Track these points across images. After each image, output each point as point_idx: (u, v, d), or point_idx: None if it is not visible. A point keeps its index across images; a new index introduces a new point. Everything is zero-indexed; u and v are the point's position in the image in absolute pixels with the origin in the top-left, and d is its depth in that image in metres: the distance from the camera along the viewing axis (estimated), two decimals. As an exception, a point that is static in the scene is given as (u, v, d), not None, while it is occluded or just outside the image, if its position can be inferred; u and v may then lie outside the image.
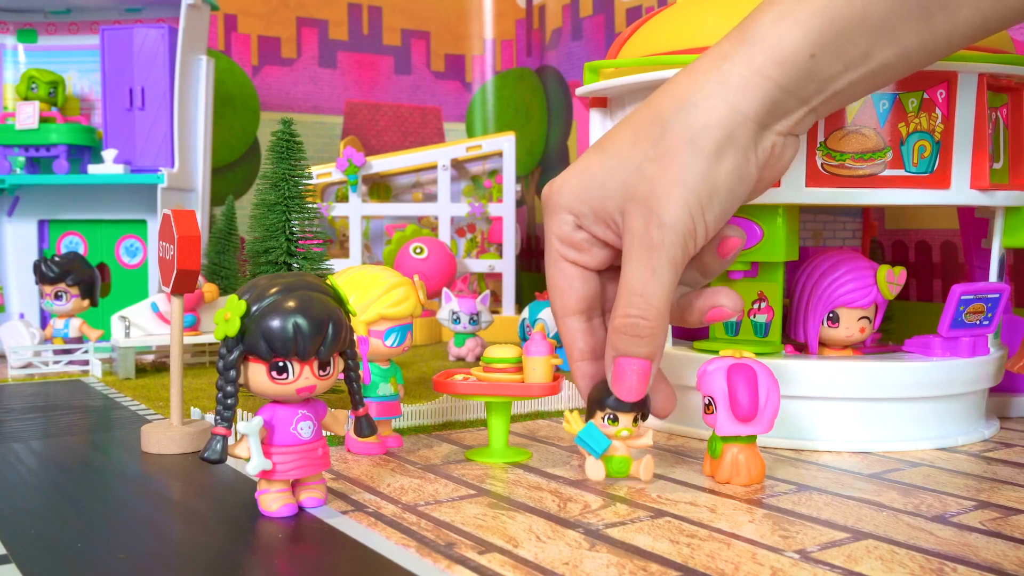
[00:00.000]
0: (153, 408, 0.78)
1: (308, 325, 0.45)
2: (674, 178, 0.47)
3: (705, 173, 0.47)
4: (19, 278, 1.16)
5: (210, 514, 0.49)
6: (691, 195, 0.47)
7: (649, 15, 0.72)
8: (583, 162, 0.51)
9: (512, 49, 1.73)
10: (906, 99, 0.60)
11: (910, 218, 0.98)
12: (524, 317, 1.00)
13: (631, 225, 0.48)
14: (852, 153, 0.60)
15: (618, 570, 0.39)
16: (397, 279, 0.61)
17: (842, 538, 0.43)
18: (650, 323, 0.48)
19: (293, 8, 1.59)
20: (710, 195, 0.47)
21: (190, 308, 0.99)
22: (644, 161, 0.48)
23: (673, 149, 0.47)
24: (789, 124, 0.48)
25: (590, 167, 0.50)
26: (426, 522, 0.46)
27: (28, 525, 0.46)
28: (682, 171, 0.47)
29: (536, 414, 0.75)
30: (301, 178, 0.79)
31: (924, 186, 0.61)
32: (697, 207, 0.47)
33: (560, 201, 0.51)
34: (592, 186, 0.50)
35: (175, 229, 0.61)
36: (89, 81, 1.22)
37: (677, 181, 0.47)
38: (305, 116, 1.59)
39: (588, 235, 0.51)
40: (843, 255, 0.67)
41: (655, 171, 0.47)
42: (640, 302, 0.48)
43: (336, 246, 1.37)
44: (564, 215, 0.51)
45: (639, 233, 0.47)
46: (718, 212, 0.48)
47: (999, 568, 0.39)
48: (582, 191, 0.50)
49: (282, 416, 0.47)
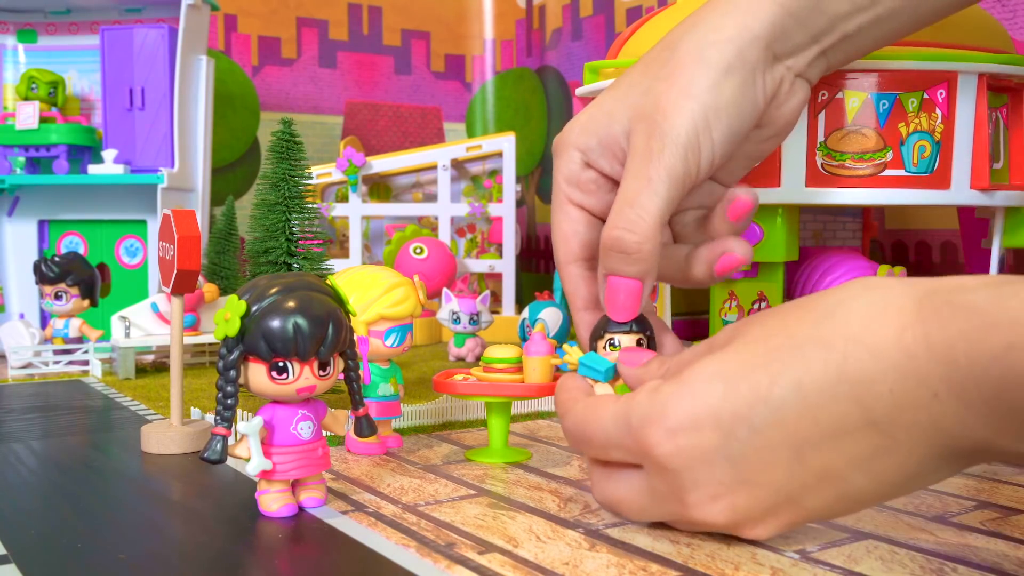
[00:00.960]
0: (153, 408, 0.78)
1: (308, 325, 0.45)
2: (680, 91, 0.46)
3: (711, 85, 0.46)
4: (19, 278, 1.16)
5: (210, 514, 0.49)
6: (696, 107, 0.45)
7: (649, 15, 0.72)
8: (592, 103, 0.50)
9: (512, 49, 1.73)
10: (906, 99, 0.60)
11: (910, 218, 0.98)
12: (524, 317, 1.00)
13: (634, 142, 0.47)
14: (852, 153, 0.60)
15: (618, 570, 0.39)
16: (397, 279, 0.61)
17: (842, 538, 0.43)
18: (637, 238, 0.45)
19: (293, 8, 1.59)
20: (717, 109, 0.46)
21: (190, 308, 0.99)
22: (653, 81, 0.47)
23: (681, 65, 0.46)
24: (800, 62, 0.48)
25: (599, 101, 0.50)
26: (426, 522, 0.46)
27: (28, 525, 0.46)
28: (689, 84, 0.46)
29: (536, 414, 0.75)
30: (301, 178, 0.79)
31: (924, 186, 0.61)
32: (703, 120, 0.45)
33: (568, 139, 0.50)
34: (599, 116, 0.49)
35: (175, 229, 0.61)
36: (89, 81, 1.22)
37: (683, 93, 0.46)
38: (305, 116, 1.59)
39: (596, 174, 0.50)
40: (843, 255, 0.67)
41: (662, 88, 0.46)
42: (630, 214, 0.45)
43: (336, 246, 1.37)
44: (572, 152, 0.50)
45: (640, 147, 0.46)
46: (725, 131, 0.46)
47: (999, 568, 0.39)
48: (590, 123, 0.49)
49: (282, 416, 0.47)
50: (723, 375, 0.38)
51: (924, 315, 0.34)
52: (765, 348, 0.38)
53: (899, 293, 0.36)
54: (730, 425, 0.37)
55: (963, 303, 0.33)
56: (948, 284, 0.35)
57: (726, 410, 0.37)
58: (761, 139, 0.50)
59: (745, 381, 0.37)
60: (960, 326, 0.33)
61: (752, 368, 0.37)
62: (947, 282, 0.35)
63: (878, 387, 0.35)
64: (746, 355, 0.38)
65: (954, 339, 0.33)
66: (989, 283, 0.33)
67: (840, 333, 0.36)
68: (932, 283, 0.36)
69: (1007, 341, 0.31)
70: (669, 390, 0.39)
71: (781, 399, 0.37)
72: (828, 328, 0.36)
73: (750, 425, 0.37)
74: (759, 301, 0.66)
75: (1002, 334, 0.32)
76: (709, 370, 0.39)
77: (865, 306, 0.36)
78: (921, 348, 0.34)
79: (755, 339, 0.39)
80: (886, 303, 0.36)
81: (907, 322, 0.35)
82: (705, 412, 0.38)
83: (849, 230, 0.83)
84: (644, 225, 0.45)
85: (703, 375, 0.39)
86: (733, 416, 0.37)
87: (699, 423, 0.38)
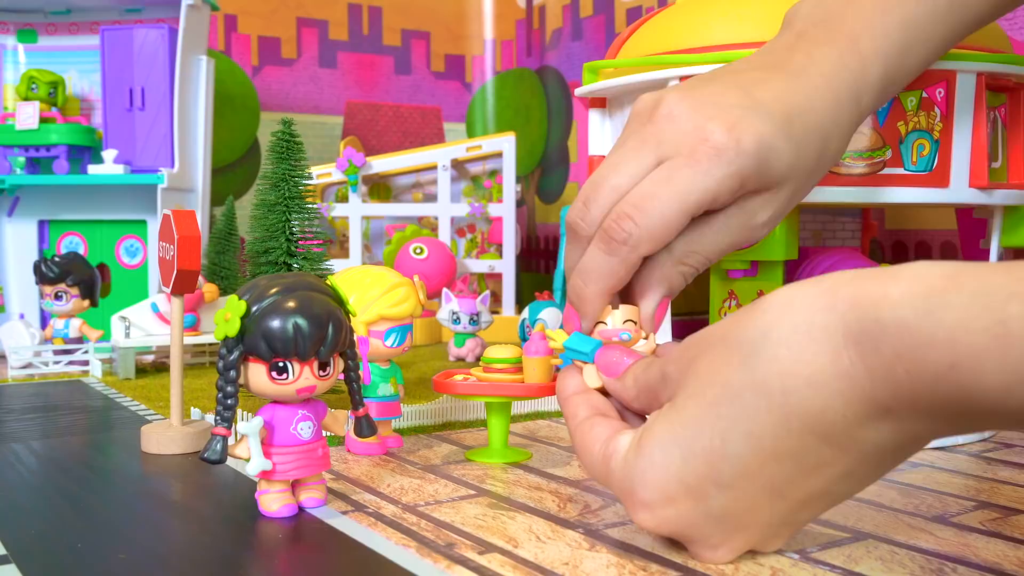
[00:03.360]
0: (153, 408, 0.78)
1: (308, 325, 0.45)
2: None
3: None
4: (19, 278, 1.16)
5: (210, 514, 0.49)
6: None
7: (649, 15, 0.72)
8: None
9: (512, 49, 1.73)
10: (905, 98, 0.60)
11: (910, 218, 0.98)
12: (524, 317, 1.00)
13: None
14: (851, 152, 0.60)
15: (618, 570, 0.39)
16: (397, 279, 0.61)
17: (842, 538, 0.43)
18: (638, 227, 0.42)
19: (293, 8, 1.59)
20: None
21: (190, 308, 0.99)
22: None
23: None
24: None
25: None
26: (426, 522, 0.46)
27: (28, 525, 0.46)
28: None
29: (536, 414, 0.75)
30: (301, 178, 0.79)
31: (923, 185, 0.61)
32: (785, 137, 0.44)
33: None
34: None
35: (175, 229, 0.61)
36: (89, 81, 1.22)
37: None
38: (305, 116, 1.59)
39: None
40: (843, 255, 0.67)
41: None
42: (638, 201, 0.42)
43: (336, 246, 1.37)
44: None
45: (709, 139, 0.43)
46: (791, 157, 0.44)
47: (999, 568, 0.39)
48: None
49: (282, 416, 0.47)
50: (676, 440, 0.38)
51: (854, 336, 0.33)
52: (705, 403, 0.37)
53: (820, 311, 0.34)
54: (699, 488, 0.37)
55: (892, 321, 0.32)
56: (869, 295, 0.33)
57: (690, 476, 0.37)
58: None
59: (698, 443, 0.37)
60: (894, 347, 0.32)
61: (699, 429, 0.37)
62: (867, 291, 0.33)
63: (829, 415, 0.34)
64: (689, 414, 0.37)
65: (891, 361, 0.32)
66: (915, 293, 0.31)
67: (773, 371, 0.35)
68: (851, 292, 0.33)
69: (948, 361, 0.30)
70: (632, 461, 0.39)
71: (737, 454, 0.36)
72: (760, 369, 0.35)
73: (718, 483, 0.37)
74: (759, 301, 0.66)
75: (941, 354, 0.30)
76: (661, 436, 0.38)
77: (790, 335, 0.34)
78: (860, 371, 0.33)
79: (693, 393, 0.38)
80: (810, 327, 0.34)
81: (838, 346, 0.33)
82: (671, 482, 0.38)
83: (849, 230, 0.83)
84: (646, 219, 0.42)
85: (657, 443, 0.38)
86: (699, 479, 0.37)
87: (670, 494, 0.38)
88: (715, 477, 0.37)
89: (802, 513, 0.38)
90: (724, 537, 0.39)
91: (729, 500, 0.37)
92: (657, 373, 0.41)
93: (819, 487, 0.37)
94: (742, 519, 0.38)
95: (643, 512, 0.39)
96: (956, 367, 0.30)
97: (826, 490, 0.37)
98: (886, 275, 0.33)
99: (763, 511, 0.38)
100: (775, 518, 0.38)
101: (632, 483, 0.39)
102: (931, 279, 0.32)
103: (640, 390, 0.42)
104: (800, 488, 0.37)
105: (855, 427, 0.34)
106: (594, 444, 0.42)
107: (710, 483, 0.37)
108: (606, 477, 0.41)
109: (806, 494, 0.37)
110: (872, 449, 0.35)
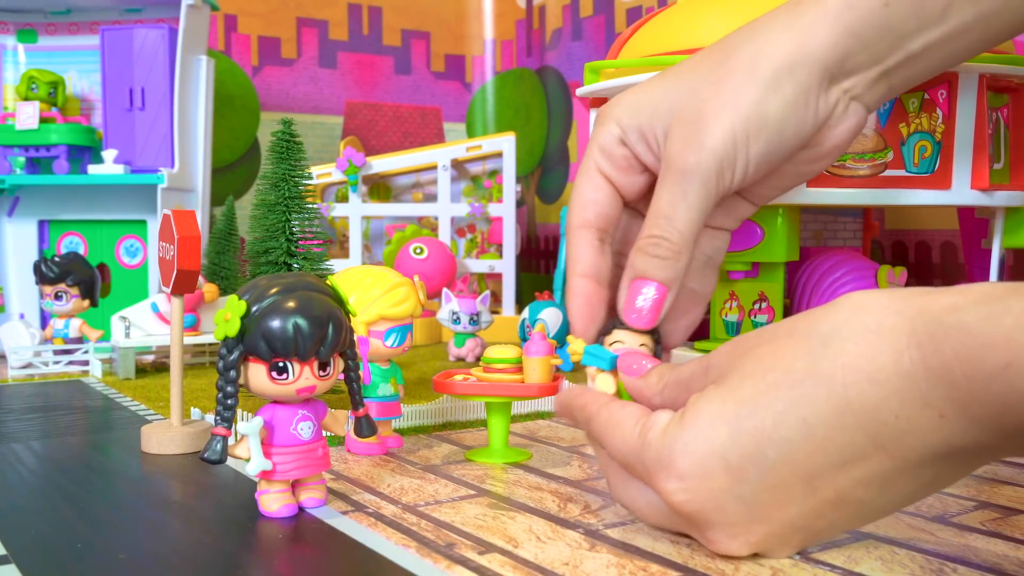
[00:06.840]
0: (153, 408, 0.78)
1: (308, 325, 0.45)
2: (725, 101, 0.45)
3: (757, 100, 0.45)
4: (19, 278, 1.16)
5: (210, 514, 0.49)
6: (738, 120, 0.45)
7: (649, 15, 0.72)
8: (645, 82, 0.50)
9: (512, 49, 1.73)
10: (907, 99, 0.60)
11: (910, 218, 0.98)
12: (524, 317, 1.00)
13: (669, 150, 0.46)
14: (853, 153, 0.60)
15: (618, 570, 0.39)
16: (397, 279, 0.61)
17: (842, 538, 0.43)
18: (673, 244, 0.45)
19: (293, 8, 1.59)
20: (759, 126, 0.45)
21: (190, 308, 0.99)
22: (700, 83, 0.47)
23: (732, 72, 0.46)
24: (859, 84, 0.47)
25: (649, 85, 0.49)
26: (426, 522, 0.46)
27: (28, 525, 0.46)
28: (735, 95, 0.45)
29: (536, 414, 0.75)
30: (301, 178, 0.79)
31: (925, 186, 0.61)
32: (743, 135, 0.45)
33: (612, 112, 0.50)
34: (644, 102, 0.49)
35: (175, 229, 0.61)
36: (89, 81, 1.22)
37: (727, 105, 0.45)
38: (305, 116, 1.59)
39: (629, 154, 0.50)
40: (843, 255, 0.67)
41: (708, 93, 0.46)
42: (665, 224, 0.46)
43: (336, 246, 1.37)
44: (612, 126, 0.50)
45: (676, 157, 0.46)
46: (763, 148, 0.46)
47: (999, 568, 0.39)
48: (635, 105, 0.49)
49: (282, 416, 0.47)
50: (724, 417, 0.38)
51: (918, 338, 0.34)
52: (764, 385, 0.37)
53: (890, 315, 0.36)
54: (739, 467, 0.37)
55: (954, 324, 0.33)
56: (938, 303, 0.34)
57: (734, 453, 0.37)
58: (805, 160, 0.49)
59: (749, 421, 0.37)
60: (954, 348, 0.33)
61: (753, 408, 0.37)
62: (937, 300, 0.35)
63: (883, 414, 0.35)
64: (744, 393, 0.38)
65: (950, 361, 0.33)
66: (978, 300, 0.33)
67: (839, 364, 0.36)
68: (921, 301, 0.35)
69: (1004, 360, 0.32)
70: (674, 433, 0.39)
71: (788, 438, 0.37)
72: (826, 360, 0.36)
73: (759, 465, 0.37)
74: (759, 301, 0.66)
75: (998, 354, 0.32)
76: (710, 410, 0.38)
77: (859, 332, 0.36)
78: (919, 371, 0.34)
79: (751, 375, 0.38)
80: (879, 327, 0.35)
81: (902, 346, 0.34)
82: (713, 457, 0.38)
83: (850, 230, 0.83)
84: (678, 235, 0.46)
85: (705, 417, 0.38)
86: (741, 458, 0.37)
87: (709, 469, 0.38)
88: (759, 459, 0.37)
89: (825, 521, 0.38)
90: (745, 527, 0.39)
91: (764, 485, 0.37)
92: (694, 366, 0.42)
93: (852, 490, 0.37)
94: (769, 510, 0.38)
95: (675, 482, 0.39)
96: (1011, 366, 0.31)
97: (857, 497, 0.37)
98: (956, 289, 0.35)
99: (792, 505, 0.38)
100: (799, 518, 0.38)
101: (672, 452, 0.39)
102: (995, 291, 0.33)
103: (667, 384, 0.43)
104: (834, 485, 0.37)
105: (905, 432, 0.35)
106: (627, 420, 0.42)
107: (752, 464, 0.37)
108: (640, 450, 0.40)
109: (837, 494, 0.37)
110: (916, 459, 0.35)
